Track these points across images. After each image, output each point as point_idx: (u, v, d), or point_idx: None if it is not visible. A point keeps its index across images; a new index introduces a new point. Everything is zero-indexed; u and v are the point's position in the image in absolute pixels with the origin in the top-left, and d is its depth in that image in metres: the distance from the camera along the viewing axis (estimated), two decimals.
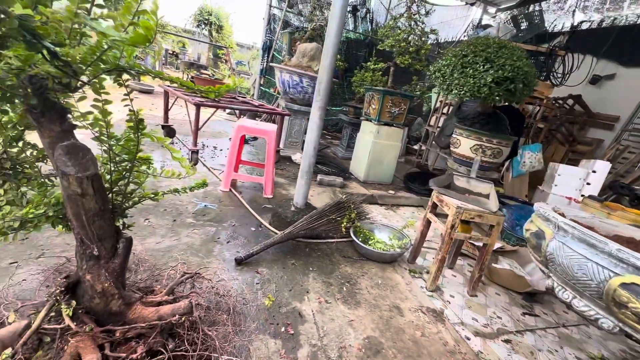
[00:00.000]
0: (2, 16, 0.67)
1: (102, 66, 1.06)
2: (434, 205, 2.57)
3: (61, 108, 1.10)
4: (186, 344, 1.24)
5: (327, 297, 2.10)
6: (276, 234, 2.71)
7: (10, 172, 1.26)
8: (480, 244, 2.47)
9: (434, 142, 6.27)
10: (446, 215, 2.33)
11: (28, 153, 1.28)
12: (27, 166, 1.28)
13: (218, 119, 7.47)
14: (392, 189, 4.68)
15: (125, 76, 1.17)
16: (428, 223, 2.62)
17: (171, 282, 1.63)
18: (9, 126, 1.17)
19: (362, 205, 3.21)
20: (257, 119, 6.90)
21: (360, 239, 2.78)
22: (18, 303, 1.43)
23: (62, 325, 1.15)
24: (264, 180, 3.45)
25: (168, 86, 4.47)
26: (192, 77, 9.76)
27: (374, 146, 4.55)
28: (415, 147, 7.44)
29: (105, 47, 0.97)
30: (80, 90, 1.11)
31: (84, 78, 1.11)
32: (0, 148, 1.17)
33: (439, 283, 2.52)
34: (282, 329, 1.75)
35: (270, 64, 5.96)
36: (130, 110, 1.21)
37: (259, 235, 2.70)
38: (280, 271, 2.27)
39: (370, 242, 2.78)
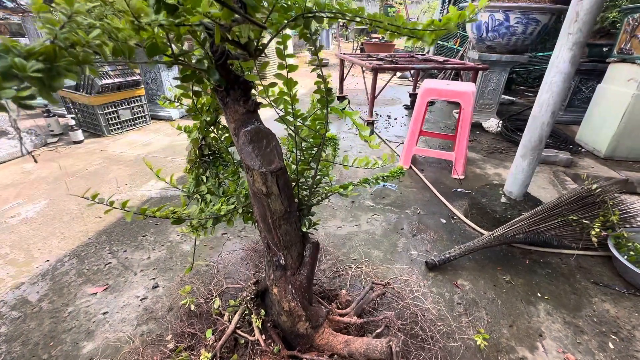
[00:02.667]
0: None
1: (286, 14, 0.72)
2: None
3: (244, 82, 0.86)
4: None
5: (580, 355, 1.32)
6: (478, 232, 2.03)
7: (210, 159, 1.20)
8: None
9: None
10: None
11: (223, 138, 1.18)
12: (223, 153, 1.18)
13: (389, 85, 6.97)
14: None
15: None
16: None
17: (357, 291, 1.33)
18: (204, 110, 1.06)
19: (624, 201, 2.00)
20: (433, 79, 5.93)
21: (627, 258, 1.71)
22: (223, 283, 1.48)
23: (252, 338, 1.01)
24: (453, 157, 2.74)
25: (343, 54, 4.29)
26: (362, 44, 9.55)
27: (637, 102, 2.88)
28: None
29: None
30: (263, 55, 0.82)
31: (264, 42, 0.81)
32: (198, 134, 1.08)
33: None
34: None
35: (461, 4, 4.79)
36: (318, 75, 0.85)
37: (452, 229, 2.10)
38: (490, 290, 1.63)
39: None
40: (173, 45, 0.71)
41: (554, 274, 1.75)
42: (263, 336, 1.02)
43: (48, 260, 1.74)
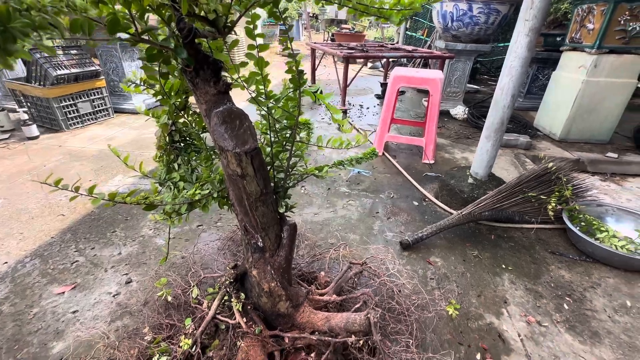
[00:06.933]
0: None
1: None
2: None
3: (214, 62, 0.84)
4: None
5: (539, 316, 1.44)
6: (448, 212, 2.14)
7: (181, 145, 1.17)
8: None
9: None
10: None
11: (194, 123, 1.15)
12: (195, 139, 1.16)
13: (361, 75, 7.05)
14: (612, 150, 3.19)
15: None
16: None
17: (335, 273, 1.36)
18: (172, 93, 1.02)
19: (576, 177, 2.18)
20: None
21: (579, 229, 1.87)
22: (201, 273, 1.46)
23: (233, 322, 1.02)
24: (423, 142, 2.84)
25: (315, 43, 4.27)
26: (333, 34, 9.54)
27: (586, 88, 3.11)
28: None
29: None
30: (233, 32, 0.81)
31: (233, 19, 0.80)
32: (167, 119, 1.05)
33: None
34: (478, 357, 1.26)
35: None
36: (289, 55, 0.85)
37: (424, 211, 2.19)
38: (460, 264, 1.73)
39: (602, 236, 1.83)
40: (136, 22, 0.69)
41: (517, 246, 1.88)
42: (244, 319, 1.02)
43: (6, 262, 1.63)
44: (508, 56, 1.79)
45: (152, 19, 0.79)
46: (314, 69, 4.68)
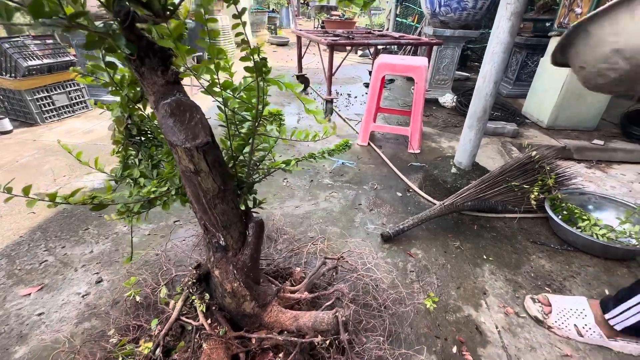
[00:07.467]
0: None
1: None
2: None
3: (160, 49, 0.77)
4: None
5: (518, 308, 1.43)
6: (431, 203, 2.11)
7: (141, 139, 1.10)
8: None
9: None
10: None
11: (152, 117, 1.08)
12: (155, 132, 1.09)
13: (350, 63, 6.94)
14: (598, 137, 3.18)
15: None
16: None
17: (312, 268, 1.32)
18: (124, 84, 0.95)
19: (560, 165, 2.16)
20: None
21: (561, 218, 1.86)
22: (173, 271, 1.42)
23: (196, 323, 0.98)
24: (409, 132, 2.79)
25: (300, 30, 4.14)
26: (323, 21, 9.32)
27: (574, 75, 3.06)
28: None
29: None
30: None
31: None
32: (121, 112, 0.98)
33: None
34: (454, 350, 1.24)
35: None
36: (243, 41, 0.78)
37: (408, 202, 2.16)
38: (441, 256, 1.70)
39: (583, 225, 1.82)
40: (66, 5, 0.62)
41: (499, 236, 1.87)
42: (209, 320, 0.98)
43: None
44: (490, 42, 1.73)
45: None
46: (300, 57, 4.56)
